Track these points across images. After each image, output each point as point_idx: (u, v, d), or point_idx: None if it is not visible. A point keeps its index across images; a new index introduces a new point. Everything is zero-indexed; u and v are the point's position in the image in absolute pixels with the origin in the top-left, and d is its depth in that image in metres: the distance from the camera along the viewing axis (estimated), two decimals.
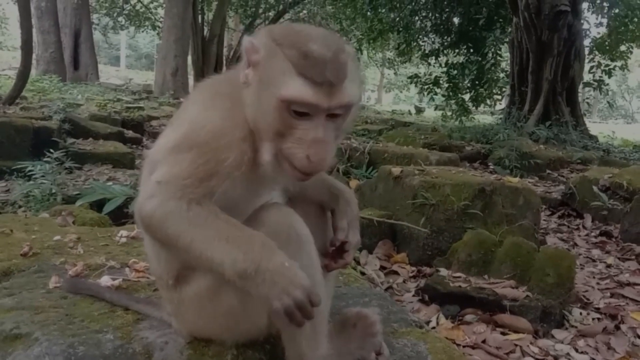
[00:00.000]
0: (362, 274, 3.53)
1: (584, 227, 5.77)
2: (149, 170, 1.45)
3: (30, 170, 4.91)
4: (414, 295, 3.54)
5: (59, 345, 1.50)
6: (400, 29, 17.44)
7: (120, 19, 26.11)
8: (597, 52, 15.92)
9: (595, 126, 19.94)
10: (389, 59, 29.74)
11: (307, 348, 1.46)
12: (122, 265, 2.13)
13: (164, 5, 20.23)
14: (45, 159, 5.11)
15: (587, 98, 18.72)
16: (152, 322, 1.67)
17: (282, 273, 1.28)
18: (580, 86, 15.58)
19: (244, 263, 1.28)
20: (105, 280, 1.91)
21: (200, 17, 20.89)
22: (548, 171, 8.84)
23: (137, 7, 25.21)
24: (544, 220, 5.77)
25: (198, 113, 1.42)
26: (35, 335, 1.54)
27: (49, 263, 2.15)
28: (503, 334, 3.04)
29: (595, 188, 6.01)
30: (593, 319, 3.36)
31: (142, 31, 28.57)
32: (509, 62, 16.51)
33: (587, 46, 15.68)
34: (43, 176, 4.75)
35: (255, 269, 1.28)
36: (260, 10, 23.61)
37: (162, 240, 1.39)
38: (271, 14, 23.66)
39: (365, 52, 22.62)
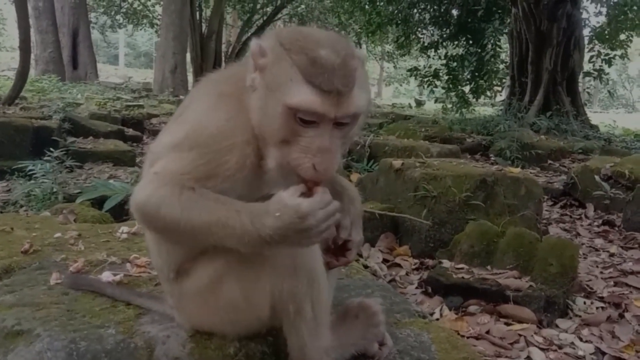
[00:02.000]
0: (365, 267, 3.52)
1: (586, 216, 5.75)
2: (149, 165, 1.44)
3: (30, 170, 4.91)
4: (417, 288, 3.54)
5: (61, 341, 1.50)
6: (399, 22, 17.37)
7: (118, 17, 26.03)
8: (596, 42, 15.82)
9: (596, 116, 19.86)
10: (388, 52, 29.66)
11: (309, 339, 1.45)
12: (123, 260, 2.12)
13: (162, 3, 20.18)
14: (45, 158, 5.11)
15: (588, 88, 18.66)
16: (153, 317, 1.66)
17: (287, 205, 1.25)
18: (581, 76, 15.51)
19: (251, 213, 1.26)
20: (107, 276, 1.91)
21: (198, 14, 20.84)
22: (549, 161, 8.82)
23: (135, 5, 25.13)
24: (546, 210, 5.75)
25: (202, 113, 1.39)
26: (37, 332, 1.54)
27: (50, 260, 2.15)
28: (507, 324, 3.04)
29: (597, 177, 5.99)
30: (597, 308, 3.35)
31: (140, 29, 28.50)
32: (508, 53, 16.47)
33: (586, 35, 15.60)
34: (44, 175, 4.75)
35: (265, 211, 1.26)
36: (258, 6, 23.52)
37: (158, 229, 1.37)
38: (269, 9, 23.58)
39: (364, 45, 22.56)
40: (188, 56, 20.18)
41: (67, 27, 19.65)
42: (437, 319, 3.01)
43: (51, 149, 5.26)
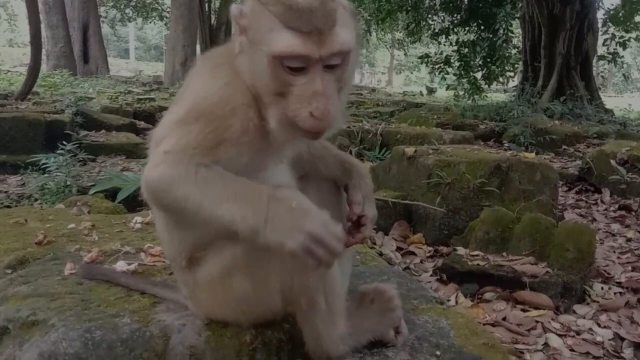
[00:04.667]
0: (380, 254, 3.51)
1: (602, 201, 5.68)
2: (155, 145, 1.43)
3: (44, 164, 4.94)
4: (431, 275, 3.52)
5: (76, 331, 1.50)
6: (409, 8, 17.21)
7: (127, 10, 26.10)
8: (611, 24, 15.54)
9: (610, 100, 19.60)
10: (398, 39, 29.44)
11: (324, 329, 1.43)
12: (137, 250, 2.12)
13: None
14: (58, 152, 5.12)
15: (602, 71, 18.32)
16: (168, 305, 1.66)
17: (291, 213, 1.22)
18: (595, 59, 15.28)
19: (254, 217, 1.23)
20: (121, 265, 1.90)
21: (207, 5, 20.81)
22: (564, 147, 8.71)
23: None
24: (562, 196, 5.69)
25: (200, 85, 1.40)
26: (52, 322, 1.54)
27: (64, 250, 2.14)
28: (524, 310, 3.01)
29: (612, 162, 5.91)
30: (615, 293, 3.32)
31: (150, 22, 28.56)
32: (520, 37, 16.25)
33: (600, 18, 15.33)
34: (57, 169, 4.77)
35: (264, 220, 1.22)
36: None
37: (169, 207, 1.35)
38: None
39: (374, 33, 22.39)
40: (198, 48, 20.18)
41: (78, 22, 19.71)
42: (453, 306, 2.98)
43: (64, 143, 5.28)
